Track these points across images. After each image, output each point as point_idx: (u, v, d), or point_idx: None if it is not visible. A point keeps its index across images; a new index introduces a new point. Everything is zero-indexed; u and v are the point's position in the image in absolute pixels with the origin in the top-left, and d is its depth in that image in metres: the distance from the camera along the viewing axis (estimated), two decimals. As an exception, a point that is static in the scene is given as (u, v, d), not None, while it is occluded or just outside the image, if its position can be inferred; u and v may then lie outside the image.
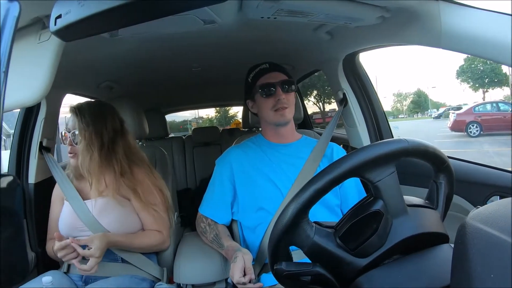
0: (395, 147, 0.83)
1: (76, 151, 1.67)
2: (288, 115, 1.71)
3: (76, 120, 1.66)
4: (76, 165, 1.68)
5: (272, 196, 1.65)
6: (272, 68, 1.74)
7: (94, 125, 1.67)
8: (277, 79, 1.70)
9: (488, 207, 0.67)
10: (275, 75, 1.71)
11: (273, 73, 1.72)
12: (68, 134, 1.67)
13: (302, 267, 0.86)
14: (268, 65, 1.75)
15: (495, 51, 1.07)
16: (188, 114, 35.66)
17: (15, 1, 0.63)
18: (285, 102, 1.68)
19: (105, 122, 1.72)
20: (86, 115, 1.67)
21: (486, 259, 0.57)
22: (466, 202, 1.62)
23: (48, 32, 1.06)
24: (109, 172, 1.70)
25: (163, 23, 1.31)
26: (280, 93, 1.68)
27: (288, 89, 1.70)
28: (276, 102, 1.68)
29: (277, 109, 1.68)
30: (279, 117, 1.70)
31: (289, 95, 1.70)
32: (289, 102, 1.70)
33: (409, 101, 70.70)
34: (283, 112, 1.69)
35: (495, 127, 16.62)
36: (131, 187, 1.70)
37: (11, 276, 0.53)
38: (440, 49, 1.26)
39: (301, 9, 1.29)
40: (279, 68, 1.75)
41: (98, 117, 1.71)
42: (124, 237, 1.63)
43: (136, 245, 1.67)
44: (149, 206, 1.71)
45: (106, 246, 1.51)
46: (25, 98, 1.11)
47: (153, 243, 1.72)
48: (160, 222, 1.75)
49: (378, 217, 0.81)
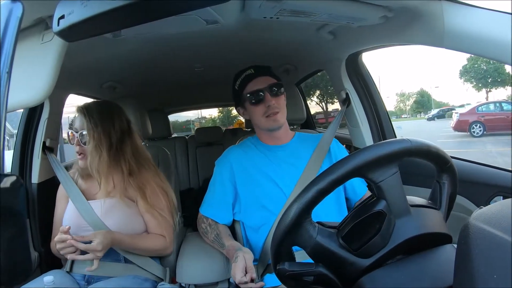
0: (397, 147, 0.82)
1: (85, 151, 1.67)
2: (281, 119, 1.69)
3: (84, 120, 1.66)
4: (85, 166, 1.68)
5: (274, 196, 1.65)
6: (258, 73, 1.71)
7: (102, 125, 1.67)
8: (265, 84, 1.68)
9: (492, 207, 0.67)
10: (262, 80, 1.69)
11: (260, 78, 1.69)
12: (75, 134, 1.67)
13: (305, 267, 0.86)
14: (253, 70, 1.72)
15: (498, 51, 1.06)
16: (191, 114, 35.80)
17: (18, 2, 0.63)
18: (275, 107, 1.66)
19: (113, 122, 1.72)
20: (94, 115, 1.67)
21: (489, 260, 0.57)
22: (469, 202, 1.61)
23: (51, 32, 1.06)
24: (117, 172, 1.71)
25: (165, 23, 1.31)
26: (270, 99, 1.66)
27: (277, 92, 1.68)
28: (266, 108, 1.66)
29: (269, 115, 1.67)
30: (272, 123, 1.69)
31: (278, 99, 1.68)
32: (280, 105, 1.68)
33: (412, 101, 70.64)
34: (274, 117, 1.67)
35: (499, 127, 16.57)
36: (138, 188, 1.70)
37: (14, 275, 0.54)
38: (443, 49, 1.25)
39: (303, 9, 1.28)
40: (265, 71, 1.72)
41: (106, 117, 1.70)
42: (129, 237, 1.62)
43: (140, 247, 1.66)
44: (154, 209, 1.70)
45: (110, 243, 1.50)
46: (28, 98, 1.11)
47: (156, 247, 1.71)
48: (164, 227, 1.73)
49: (381, 217, 0.81)
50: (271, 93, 1.66)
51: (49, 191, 1.84)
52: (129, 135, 1.77)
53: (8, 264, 0.57)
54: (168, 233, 1.75)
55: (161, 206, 1.73)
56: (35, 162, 1.92)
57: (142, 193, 1.70)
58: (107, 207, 1.67)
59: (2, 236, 0.56)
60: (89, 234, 1.49)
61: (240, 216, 1.75)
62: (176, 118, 29.38)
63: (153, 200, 1.71)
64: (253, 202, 1.68)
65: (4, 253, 0.57)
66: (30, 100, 1.12)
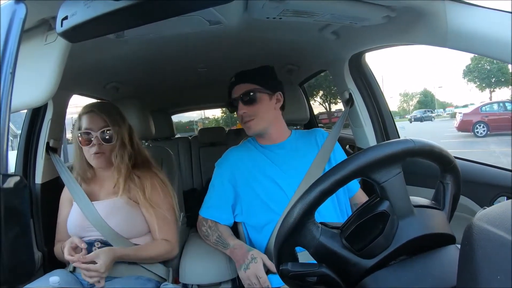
0: (401, 147, 0.82)
1: (105, 150, 1.68)
2: (256, 127, 1.69)
3: (104, 118, 1.68)
4: (102, 165, 1.71)
5: (275, 196, 1.65)
6: (237, 80, 1.73)
7: (121, 123, 1.73)
8: (238, 93, 1.69)
9: (495, 208, 0.66)
10: (238, 89, 1.70)
11: (238, 86, 1.71)
12: (95, 134, 1.66)
13: (308, 267, 0.86)
14: (235, 78, 1.74)
15: (501, 51, 1.06)
16: (194, 114, 35.83)
17: (21, 3, 0.63)
18: (246, 115, 1.68)
19: (125, 121, 1.77)
20: (113, 113, 1.71)
21: (493, 260, 0.57)
22: (473, 202, 1.61)
23: (55, 33, 1.07)
24: (124, 172, 1.71)
25: (168, 24, 1.31)
26: (241, 107, 1.68)
27: (249, 101, 1.67)
28: (241, 116, 1.69)
29: (244, 122, 1.69)
30: (247, 130, 1.71)
31: (252, 107, 1.68)
32: (253, 112, 1.68)
33: (415, 101, 70.60)
34: (248, 124, 1.68)
35: (502, 127, 16.49)
36: (139, 187, 1.71)
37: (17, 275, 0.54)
38: (446, 49, 1.25)
39: (306, 9, 1.28)
40: (244, 78, 1.72)
41: (120, 116, 1.76)
42: (131, 250, 1.62)
43: (144, 257, 1.65)
44: (157, 211, 1.70)
45: (112, 261, 1.51)
46: (32, 99, 1.11)
47: (161, 252, 1.70)
48: (167, 229, 1.73)
49: (384, 218, 0.80)
50: (243, 102, 1.67)
51: (53, 191, 1.85)
52: (133, 134, 1.80)
53: (11, 264, 0.57)
54: (172, 235, 1.75)
55: (163, 206, 1.73)
56: (38, 163, 1.92)
57: (142, 192, 1.70)
58: (111, 207, 1.68)
59: (6, 236, 0.57)
60: (92, 254, 1.48)
61: (241, 217, 1.75)
62: (179, 119, 29.49)
63: (155, 201, 1.71)
64: (255, 202, 1.68)
65: (8, 253, 0.57)
66: (33, 100, 1.12)
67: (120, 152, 1.69)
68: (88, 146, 1.68)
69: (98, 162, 1.69)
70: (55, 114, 1.92)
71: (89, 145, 1.67)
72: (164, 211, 1.73)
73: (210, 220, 1.74)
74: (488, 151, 13.22)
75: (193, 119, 36.19)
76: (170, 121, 3.90)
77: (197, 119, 37.06)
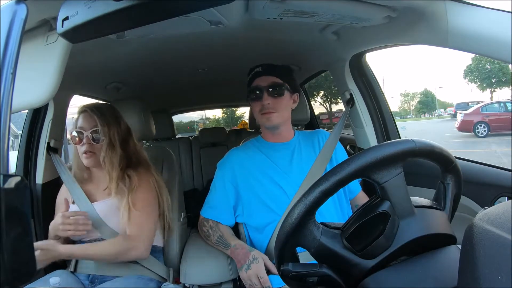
0: (402, 147, 0.82)
1: (94, 149, 1.68)
2: (275, 119, 1.69)
3: (94, 118, 1.68)
4: (92, 164, 1.70)
5: (277, 197, 1.65)
6: (264, 71, 1.72)
7: (114, 123, 1.72)
8: (266, 83, 1.69)
9: (496, 208, 0.66)
10: (265, 79, 1.70)
11: (264, 77, 1.70)
12: (85, 133, 1.67)
13: (309, 268, 0.86)
14: (261, 68, 1.74)
15: (502, 50, 1.06)
16: (195, 115, 35.87)
17: (22, 3, 0.63)
18: (269, 107, 1.67)
19: (119, 122, 1.76)
20: (105, 113, 1.71)
21: (494, 261, 0.57)
22: (474, 203, 1.61)
23: (55, 34, 1.06)
24: (113, 173, 1.70)
25: (169, 24, 1.31)
26: (266, 98, 1.67)
27: (276, 93, 1.68)
28: (261, 106, 1.68)
29: (264, 113, 1.69)
30: (265, 121, 1.70)
31: (276, 100, 1.68)
32: (276, 107, 1.68)
33: (416, 101, 70.52)
34: (268, 116, 1.68)
35: (503, 127, 16.46)
36: (129, 190, 1.68)
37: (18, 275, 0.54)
38: (447, 49, 1.25)
39: (307, 10, 1.28)
40: (272, 71, 1.73)
41: (114, 117, 1.75)
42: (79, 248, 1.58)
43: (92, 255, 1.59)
44: (133, 210, 1.65)
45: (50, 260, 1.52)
46: (32, 99, 1.11)
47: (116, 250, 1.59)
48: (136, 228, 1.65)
49: (385, 218, 0.80)
50: (269, 93, 1.67)
51: (54, 191, 1.85)
52: (130, 135, 1.80)
53: (12, 264, 0.57)
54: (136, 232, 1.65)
55: (140, 202, 1.68)
56: (39, 163, 1.93)
57: (129, 192, 1.67)
58: (108, 208, 1.68)
59: (7, 236, 0.57)
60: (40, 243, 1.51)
61: (242, 218, 1.75)
62: (180, 119, 29.49)
63: (136, 197, 1.68)
64: (256, 203, 1.68)
65: (9, 253, 0.57)
66: (34, 101, 1.12)
67: (108, 153, 1.68)
68: (79, 145, 1.69)
69: (88, 161, 1.70)
70: (56, 114, 1.92)
71: (80, 144, 1.69)
72: (139, 208, 1.66)
73: (211, 220, 1.75)
74: (490, 151, 13.21)
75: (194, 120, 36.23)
76: (171, 121, 3.90)
77: (198, 119, 37.10)
